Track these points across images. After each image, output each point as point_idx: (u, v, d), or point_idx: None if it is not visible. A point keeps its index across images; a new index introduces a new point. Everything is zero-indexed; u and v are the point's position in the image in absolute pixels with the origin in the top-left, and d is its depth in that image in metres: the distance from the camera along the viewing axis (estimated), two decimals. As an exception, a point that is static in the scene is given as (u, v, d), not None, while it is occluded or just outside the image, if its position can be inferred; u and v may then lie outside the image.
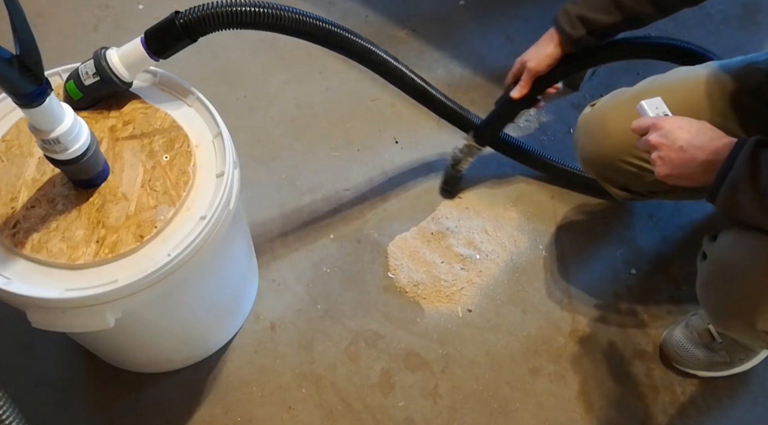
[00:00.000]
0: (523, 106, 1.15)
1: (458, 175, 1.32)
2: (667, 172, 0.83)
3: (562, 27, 1.03)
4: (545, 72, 1.08)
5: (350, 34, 1.02)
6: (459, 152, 1.27)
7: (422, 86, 1.15)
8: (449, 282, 1.27)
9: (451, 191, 1.37)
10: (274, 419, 1.13)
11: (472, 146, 1.25)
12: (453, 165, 1.30)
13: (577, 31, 1.02)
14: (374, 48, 1.07)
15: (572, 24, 1.02)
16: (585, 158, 1.11)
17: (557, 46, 1.06)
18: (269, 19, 0.90)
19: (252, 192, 1.37)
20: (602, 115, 1.06)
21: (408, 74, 1.13)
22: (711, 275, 0.89)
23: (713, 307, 0.90)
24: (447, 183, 1.36)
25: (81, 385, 1.16)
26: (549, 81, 1.10)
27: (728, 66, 1.00)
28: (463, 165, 1.29)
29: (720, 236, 0.89)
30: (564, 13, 1.03)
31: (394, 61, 1.11)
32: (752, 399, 1.16)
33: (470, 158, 1.28)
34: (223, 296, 1.10)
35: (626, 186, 1.08)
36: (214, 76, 1.56)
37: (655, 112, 0.88)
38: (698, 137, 0.80)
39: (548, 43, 1.06)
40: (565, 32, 1.03)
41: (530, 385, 1.17)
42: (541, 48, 1.07)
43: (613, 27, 1.01)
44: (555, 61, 1.07)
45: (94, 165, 0.83)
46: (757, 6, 1.69)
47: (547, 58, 1.07)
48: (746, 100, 0.96)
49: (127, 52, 0.88)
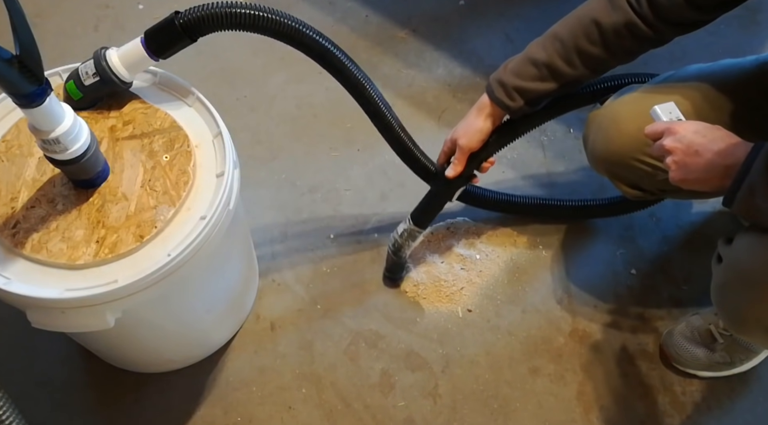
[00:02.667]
0: (460, 184, 1.11)
1: (401, 261, 1.22)
2: (682, 177, 0.82)
3: (498, 99, 1.00)
4: (478, 147, 1.05)
5: (347, 59, 0.99)
6: (399, 237, 1.17)
7: (408, 146, 1.10)
8: (449, 282, 1.27)
9: (395, 279, 1.26)
10: (274, 419, 1.13)
11: (412, 230, 1.16)
12: (395, 251, 1.19)
13: (515, 103, 0.99)
14: (368, 85, 1.02)
15: (509, 95, 0.99)
16: (596, 156, 1.09)
17: (488, 119, 1.03)
18: (269, 24, 0.89)
19: (252, 192, 1.37)
20: (615, 112, 1.04)
21: (396, 129, 1.07)
22: (727, 278, 0.88)
23: (729, 311, 0.89)
24: (390, 270, 1.25)
25: (81, 385, 1.16)
26: (483, 156, 1.07)
27: (742, 65, 0.99)
28: (405, 250, 1.19)
29: (736, 239, 0.88)
30: (498, 84, 1.00)
31: (385, 107, 1.05)
32: (752, 399, 1.16)
33: (412, 242, 1.18)
34: (223, 296, 1.10)
35: (637, 184, 1.07)
36: (214, 76, 1.56)
37: (669, 116, 0.87)
38: (713, 141, 0.79)
39: (477, 117, 1.03)
40: (503, 104, 1.00)
41: (530, 385, 1.17)
42: (471, 123, 1.04)
43: (551, 93, 1.00)
44: (487, 135, 1.04)
45: (94, 165, 0.83)
46: (757, 6, 1.69)
47: (478, 134, 1.04)
48: (760, 101, 0.95)
49: (127, 52, 0.88)
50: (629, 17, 0.90)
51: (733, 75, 0.98)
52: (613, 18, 0.91)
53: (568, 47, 0.95)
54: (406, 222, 1.17)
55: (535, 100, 1.01)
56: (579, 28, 0.94)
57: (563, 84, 0.98)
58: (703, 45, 1.60)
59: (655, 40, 0.93)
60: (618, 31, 0.92)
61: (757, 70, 0.97)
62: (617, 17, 0.91)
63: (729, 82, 0.97)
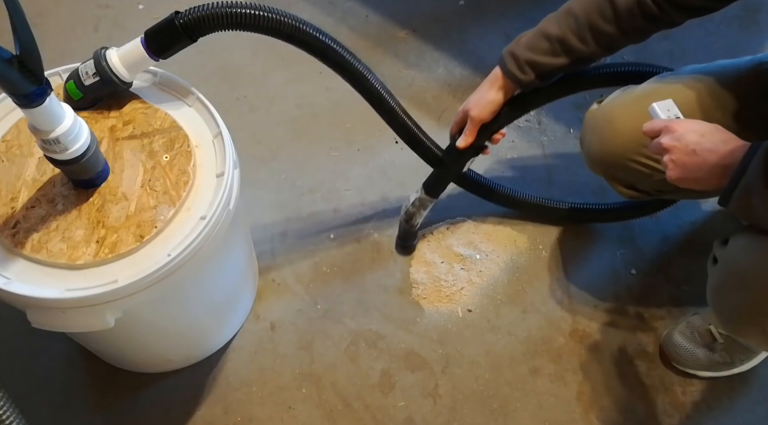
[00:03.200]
0: (470, 154, 1.12)
1: (413, 230, 1.25)
2: (679, 176, 0.82)
3: (510, 71, 1.00)
4: (489, 119, 1.06)
5: (348, 54, 0.99)
6: (411, 206, 1.20)
7: (413, 130, 1.10)
8: (449, 282, 1.27)
9: (408, 247, 1.30)
10: (274, 419, 1.13)
11: (424, 199, 1.19)
12: (407, 220, 1.23)
13: (526, 76, 1.00)
14: (369, 76, 1.02)
15: (521, 68, 1.00)
16: (592, 156, 1.09)
17: (499, 91, 1.03)
18: (269, 23, 0.89)
19: (252, 192, 1.37)
20: (611, 112, 1.05)
21: (400, 115, 1.08)
22: (722, 280, 0.88)
23: (725, 313, 0.89)
24: (403, 238, 1.29)
25: (81, 385, 1.16)
26: (494, 127, 1.07)
27: (738, 66, 0.99)
28: (417, 218, 1.22)
29: (731, 240, 0.88)
30: (511, 57, 1.01)
31: (388, 95, 1.06)
32: (753, 399, 1.16)
33: (423, 211, 1.21)
34: (223, 296, 1.10)
35: (633, 184, 1.07)
36: (214, 76, 1.56)
37: (667, 114, 0.87)
38: (711, 141, 0.80)
39: (489, 89, 1.04)
40: (514, 77, 1.00)
41: (530, 385, 1.17)
42: (483, 95, 1.04)
43: (562, 68, 1.00)
44: (498, 106, 1.04)
45: (94, 165, 0.83)
46: (757, 6, 1.69)
47: (489, 105, 1.04)
48: (757, 101, 0.95)
49: (127, 52, 0.88)
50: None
51: (729, 75, 0.98)
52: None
53: (581, 23, 0.95)
54: (418, 191, 1.19)
55: (547, 74, 1.01)
56: (593, 4, 0.95)
57: (575, 60, 0.99)
58: (702, 45, 1.60)
59: (665, 21, 0.94)
60: (630, 8, 0.92)
61: (753, 70, 0.98)
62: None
63: (725, 82, 0.97)
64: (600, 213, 1.32)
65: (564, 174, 1.42)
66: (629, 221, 1.34)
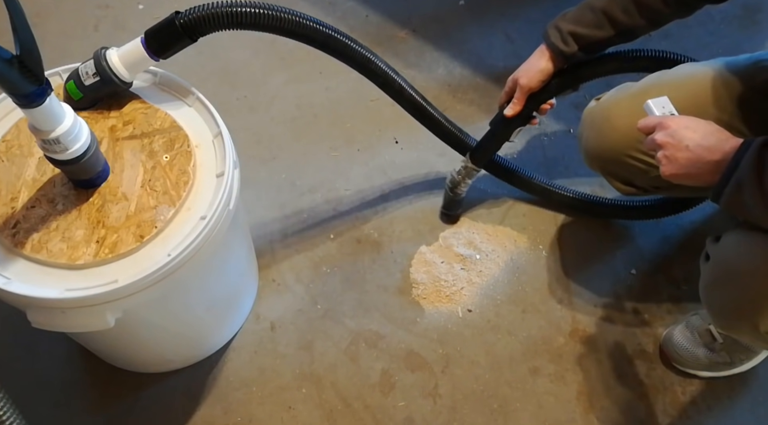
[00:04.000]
0: (517, 123, 1.12)
1: (458, 198, 1.28)
2: (673, 172, 0.82)
3: (553, 43, 1.01)
4: (538, 88, 1.06)
5: (350, 41, 1.00)
6: (457, 174, 1.24)
7: (420, 103, 1.12)
8: (449, 282, 1.27)
9: (451, 215, 1.34)
10: (274, 419, 1.13)
11: (469, 168, 1.21)
12: (452, 188, 1.26)
13: (569, 47, 1.00)
14: (374, 58, 1.04)
15: (564, 40, 1.00)
16: (589, 152, 1.09)
17: (549, 61, 1.03)
18: (269, 20, 0.90)
19: (252, 192, 1.37)
20: (608, 109, 1.05)
21: (407, 89, 1.10)
22: (714, 276, 0.89)
23: (716, 309, 0.90)
24: (447, 207, 1.32)
25: (81, 385, 1.16)
26: (543, 97, 1.08)
27: (735, 63, 1.00)
28: (462, 187, 1.25)
29: (723, 237, 0.89)
30: (554, 29, 1.01)
31: (393, 74, 1.08)
32: (753, 399, 1.16)
33: (468, 180, 1.24)
34: (223, 296, 1.10)
35: (630, 181, 1.08)
36: (214, 76, 1.56)
37: (662, 111, 0.88)
38: (705, 137, 0.80)
39: (539, 59, 1.04)
40: (556, 48, 1.01)
41: (530, 385, 1.17)
42: (533, 64, 1.05)
43: (606, 42, 1.00)
44: (547, 76, 1.05)
45: (94, 165, 0.83)
46: (757, 6, 1.69)
47: (539, 74, 1.04)
48: (753, 98, 0.96)
49: (127, 52, 0.88)
50: None
51: (727, 72, 0.98)
52: None
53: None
54: (464, 160, 1.21)
55: (590, 46, 1.01)
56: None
57: (618, 32, 0.99)
58: (702, 44, 1.60)
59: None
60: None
61: (750, 67, 0.98)
62: None
63: (723, 80, 0.98)
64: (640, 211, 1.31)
65: (564, 174, 1.42)
66: (629, 221, 1.35)
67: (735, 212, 0.81)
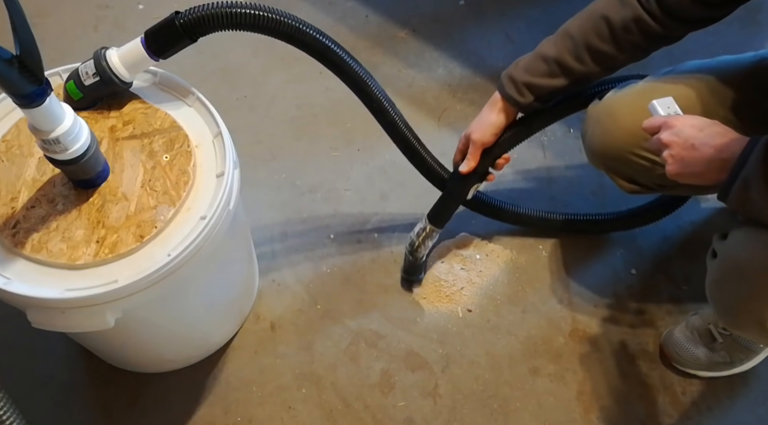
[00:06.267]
0: (474, 180, 1.10)
1: (418, 263, 1.22)
2: (679, 171, 0.82)
3: (509, 94, 1.01)
4: (491, 142, 1.05)
5: (348, 57, 0.99)
6: (416, 237, 1.18)
7: (411, 141, 1.09)
8: (449, 282, 1.27)
9: (413, 281, 1.26)
10: (274, 419, 1.13)
11: (429, 229, 1.17)
12: (411, 251, 1.20)
13: (525, 98, 1.00)
14: (369, 81, 1.02)
15: (519, 91, 1.00)
16: (593, 149, 1.09)
17: (500, 114, 1.03)
18: (269, 23, 0.89)
19: (252, 192, 1.37)
20: (613, 106, 1.04)
21: (399, 125, 1.07)
22: (721, 273, 0.89)
23: (723, 305, 0.90)
24: (408, 272, 1.25)
25: (81, 385, 1.16)
26: (497, 151, 1.07)
27: (739, 61, 0.99)
28: (422, 250, 1.19)
29: (731, 234, 0.89)
30: (509, 80, 1.01)
31: (388, 104, 1.05)
32: (753, 399, 1.16)
33: (429, 242, 1.19)
34: (223, 296, 1.10)
35: (634, 179, 1.07)
36: (214, 76, 1.56)
37: (667, 111, 0.88)
38: (711, 136, 0.80)
39: (491, 112, 1.04)
40: (512, 99, 1.01)
41: (530, 385, 1.17)
42: (484, 118, 1.04)
43: (561, 90, 1.00)
44: (500, 129, 1.04)
45: (94, 165, 0.83)
46: (757, 6, 1.69)
47: (491, 128, 1.04)
48: (757, 96, 0.95)
49: (127, 52, 0.88)
50: (637, 12, 0.91)
51: (732, 71, 0.98)
52: (622, 13, 0.92)
53: (578, 43, 0.95)
54: (422, 221, 1.18)
55: (546, 96, 1.01)
56: (589, 24, 0.95)
57: (573, 80, 0.99)
58: (702, 45, 1.60)
59: (664, 36, 0.94)
60: (627, 26, 0.92)
61: (755, 66, 0.98)
62: (626, 13, 0.92)
63: (727, 78, 0.98)
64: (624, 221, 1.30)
65: (564, 174, 1.42)
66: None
67: (742, 210, 0.81)
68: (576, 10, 1.01)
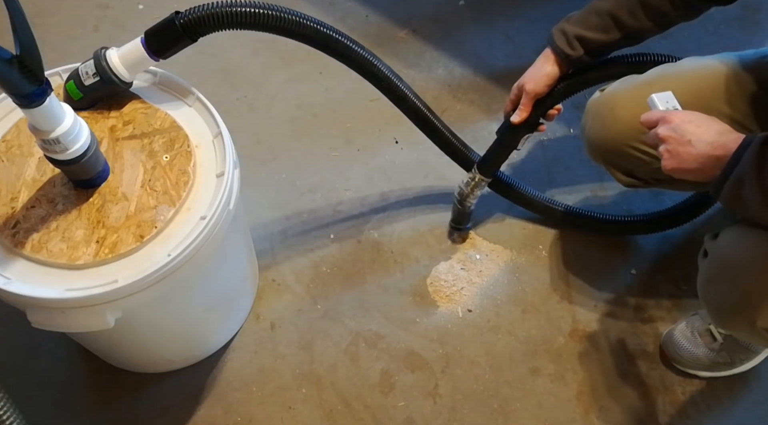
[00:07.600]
0: (525, 131, 1.10)
1: (467, 211, 1.25)
2: (675, 166, 0.82)
3: (559, 47, 1.00)
4: (544, 93, 1.04)
5: (351, 43, 0.99)
6: (465, 186, 1.20)
7: (423, 112, 1.11)
8: (449, 282, 1.27)
9: (461, 230, 1.31)
10: (274, 419, 1.13)
11: (477, 179, 1.18)
12: (460, 200, 1.23)
13: (575, 51, 0.99)
14: (375, 61, 1.03)
15: (570, 44, 0.99)
16: (592, 142, 1.09)
17: (554, 65, 1.02)
18: (269, 20, 0.89)
19: (252, 192, 1.37)
20: (612, 99, 1.05)
21: (410, 97, 1.08)
22: (712, 273, 0.89)
23: (714, 305, 0.90)
24: (456, 221, 1.30)
25: (81, 385, 1.16)
26: (549, 102, 1.06)
27: (741, 58, 0.99)
28: (470, 199, 1.22)
29: (722, 234, 0.89)
30: (560, 32, 1.00)
31: (396, 80, 1.06)
32: (753, 399, 1.16)
33: (477, 191, 1.20)
34: (223, 296, 1.10)
35: (632, 172, 1.07)
36: (214, 76, 1.56)
37: (666, 106, 0.88)
38: (707, 132, 0.80)
39: (545, 63, 1.03)
40: (562, 52, 1.00)
41: (530, 385, 1.17)
42: (538, 68, 1.03)
43: (612, 45, 1.00)
44: (554, 80, 1.03)
45: (94, 165, 0.83)
46: (757, 6, 1.69)
47: (545, 79, 1.03)
48: (758, 93, 0.95)
49: (127, 52, 0.88)
50: None
51: (732, 67, 0.98)
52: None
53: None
54: (472, 171, 1.18)
55: (596, 50, 1.00)
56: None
57: (624, 35, 0.98)
58: (703, 44, 1.60)
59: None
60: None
61: (755, 63, 0.98)
62: None
63: (727, 75, 0.98)
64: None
65: (564, 174, 1.42)
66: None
67: (734, 208, 0.81)
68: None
